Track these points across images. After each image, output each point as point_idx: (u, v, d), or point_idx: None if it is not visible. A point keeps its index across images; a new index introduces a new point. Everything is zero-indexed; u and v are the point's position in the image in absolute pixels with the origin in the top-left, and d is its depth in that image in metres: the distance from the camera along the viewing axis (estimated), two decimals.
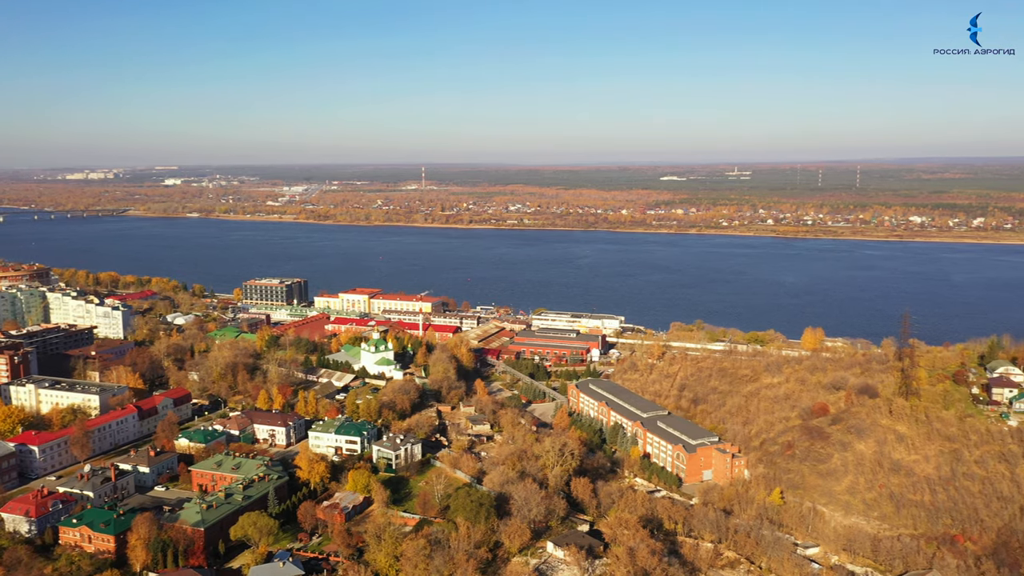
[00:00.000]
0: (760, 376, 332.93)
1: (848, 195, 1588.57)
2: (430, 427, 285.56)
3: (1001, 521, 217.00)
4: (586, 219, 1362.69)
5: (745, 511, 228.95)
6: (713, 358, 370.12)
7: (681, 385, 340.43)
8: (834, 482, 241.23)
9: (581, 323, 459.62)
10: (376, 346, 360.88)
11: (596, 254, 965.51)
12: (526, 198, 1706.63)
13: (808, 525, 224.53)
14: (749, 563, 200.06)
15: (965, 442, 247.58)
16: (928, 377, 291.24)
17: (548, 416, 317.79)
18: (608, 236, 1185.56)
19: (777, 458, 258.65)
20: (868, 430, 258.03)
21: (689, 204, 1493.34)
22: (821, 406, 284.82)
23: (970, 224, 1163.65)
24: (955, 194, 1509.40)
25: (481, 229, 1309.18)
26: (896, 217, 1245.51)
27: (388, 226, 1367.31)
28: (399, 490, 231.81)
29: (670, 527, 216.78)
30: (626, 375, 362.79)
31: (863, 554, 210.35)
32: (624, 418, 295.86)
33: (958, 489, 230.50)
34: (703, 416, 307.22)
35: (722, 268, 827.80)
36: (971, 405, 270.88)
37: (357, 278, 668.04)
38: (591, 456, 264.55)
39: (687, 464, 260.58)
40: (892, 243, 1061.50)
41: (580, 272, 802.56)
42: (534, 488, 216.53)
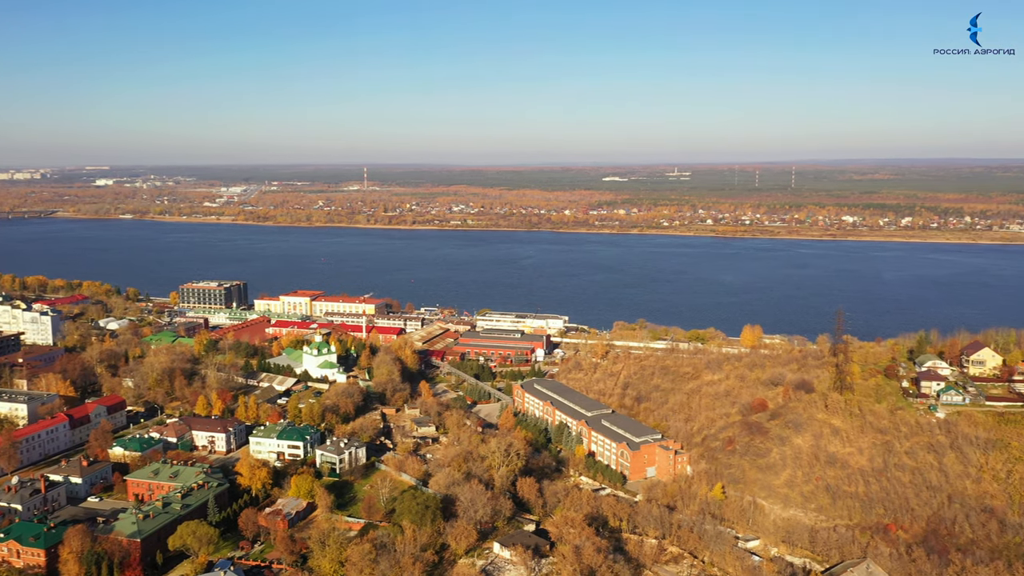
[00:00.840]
0: (701, 373, 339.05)
1: (784, 195, 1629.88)
2: (375, 430, 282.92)
3: (930, 510, 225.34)
4: (529, 219, 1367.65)
5: (688, 506, 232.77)
6: (656, 356, 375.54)
7: (625, 383, 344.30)
8: (773, 476, 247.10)
9: (526, 323, 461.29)
10: (318, 349, 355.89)
11: (540, 254, 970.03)
12: (470, 199, 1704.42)
13: (749, 518, 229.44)
14: (692, 557, 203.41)
15: (896, 434, 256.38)
16: (861, 372, 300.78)
17: (494, 417, 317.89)
18: (551, 236, 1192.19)
19: (718, 453, 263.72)
20: (805, 424, 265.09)
21: (631, 204, 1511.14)
22: (760, 402, 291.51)
23: (899, 223, 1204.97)
24: (884, 194, 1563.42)
25: (424, 230, 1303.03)
26: (829, 217, 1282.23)
27: (330, 227, 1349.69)
28: (343, 495, 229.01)
29: (615, 524, 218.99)
30: (571, 374, 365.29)
31: (801, 545, 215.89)
32: (569, 417, 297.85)
33: (890, 480, 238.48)
34: (646, 414, 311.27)
35: (663, 268, 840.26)
36: (901, 398, 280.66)
37: (298, 280, 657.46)
38: (537, 456, 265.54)
39: (631, 462, 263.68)
40: (826, 242, 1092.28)
41: (524, 272, 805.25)
42: (480, 489, 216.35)
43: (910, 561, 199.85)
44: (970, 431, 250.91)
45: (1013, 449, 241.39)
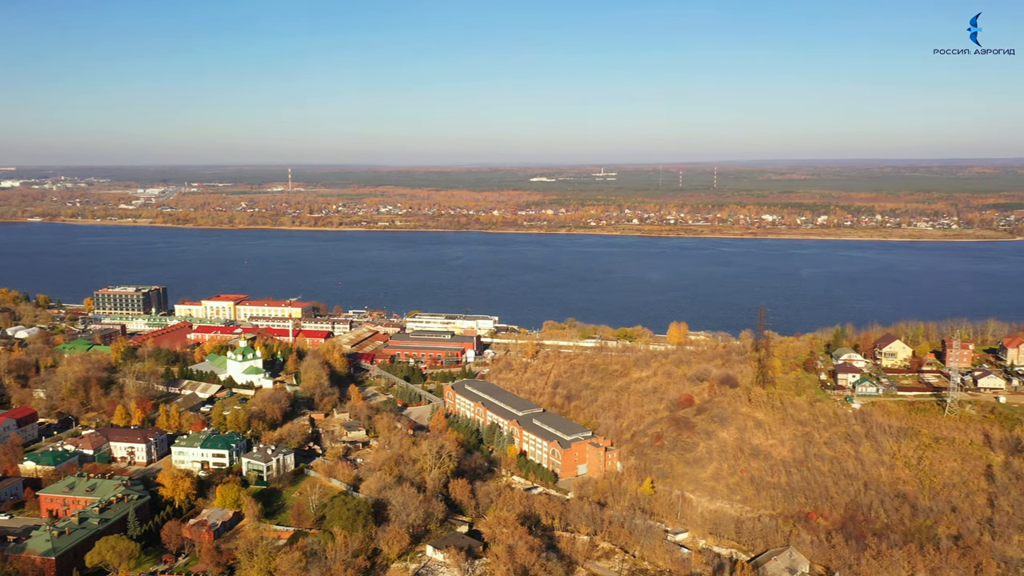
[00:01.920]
0: (630, 371, 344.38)
1: (706, 195, 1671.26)
2: (303, 436, 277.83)
3: (848, 497, 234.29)
4: (458, 220, 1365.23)
5: (618, 502, 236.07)
6: (585, 355, 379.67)
7: (555, 382, 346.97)
8: (700, 469, 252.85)
9: (456, 324, 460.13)
10: (243, 354, 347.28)
11: (469, 255, 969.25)
12: (397, 199, 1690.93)
13: (677, 512, 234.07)
14: (623, 552, 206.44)
15: (815, 425, 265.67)
16: (782, 366, 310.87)
17: (425, 419, 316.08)
18: (480, 237, 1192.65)
19: (647, 449, 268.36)
20: (730, 418, 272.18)
21: (558, 205, 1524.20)
22: (687, 397, 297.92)
23: (815, 222, 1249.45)
24: (801, 194, 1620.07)
25: (352, 231, 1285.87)
26: (750, 216, 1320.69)
27: (253, 229, 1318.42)
28: (272, 503, 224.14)
29: (547, 522, 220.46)
30: (501, 375, 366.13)
31: (728, 536, 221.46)
32: (500, 417, 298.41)
33: (810, 469, 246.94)
34: (577, 412, 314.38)
35: (591, 267, 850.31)
36: (820, 390, 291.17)
37: (221, 284, 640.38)
38: (469, 457, 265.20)
39: (562, 460, 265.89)
40: (747, 240, 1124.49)
41: (453, 273, 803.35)
42: (412, 492, 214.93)
43: (830, 547, 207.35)
44: (883, 420, 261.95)
45: (923, 436, 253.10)
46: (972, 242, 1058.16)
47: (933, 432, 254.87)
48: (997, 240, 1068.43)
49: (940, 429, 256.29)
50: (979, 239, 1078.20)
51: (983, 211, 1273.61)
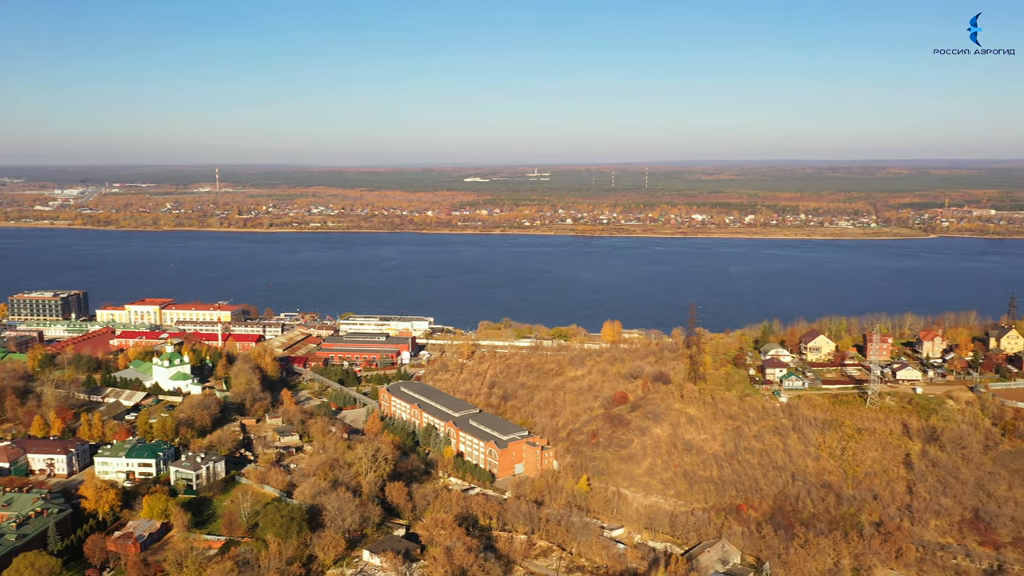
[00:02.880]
0: (565, 370, 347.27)
1: (638, 195, 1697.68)
2: (234, 442, 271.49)
3: (776, 488, 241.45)
4: (392, 221, 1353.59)
5: (555, 500, 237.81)
6: (521, 355, 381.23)
7: (491, 383, 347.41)
8: (635, 465, 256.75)
9: (390, 326, 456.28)
10: (170, 360, 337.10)
11: (403, 256, 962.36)
12: (329, 200, 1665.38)
13: (613, 508, 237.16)
14: (561, 550, 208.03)
15: (745, 419, 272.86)
16: (712, 362, 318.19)
17: (360, 422, 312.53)
18: (414, 237, 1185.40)
19: (583, 447, 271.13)
20: (663, 414, 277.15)
21: (492, 205, 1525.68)
22: (621, 395, 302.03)
23: (743, 221, 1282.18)
24: (729, 194, 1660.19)
25: (282, 233, 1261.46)
26: (680, 215, 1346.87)
27: (179, 231, 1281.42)
28: (202, 512, 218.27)
29: (485, 523, 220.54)
30: (437, 376, 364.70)
31: (662, 530, 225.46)
32: (437, 419, 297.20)
33: (741, 463, 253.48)
34: (513, 411, 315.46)
35: (526, 267, 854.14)
36: (749, 385, 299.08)
37: (146, 288, 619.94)
38: (405, 459, 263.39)
39: (499, 459, 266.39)
40: (678, 239, 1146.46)
41: (387, 274, 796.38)
42: (348, 497, 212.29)
43: (760, 538, 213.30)
44: (809, 413, 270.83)
45: (846, 428, 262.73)
46: (890, 240, 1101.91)
47: (855, 423, 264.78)
48: (913, 238, 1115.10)
49: (862, 420, 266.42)
50: (896, 237, 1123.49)
51: (899, 210, 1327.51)
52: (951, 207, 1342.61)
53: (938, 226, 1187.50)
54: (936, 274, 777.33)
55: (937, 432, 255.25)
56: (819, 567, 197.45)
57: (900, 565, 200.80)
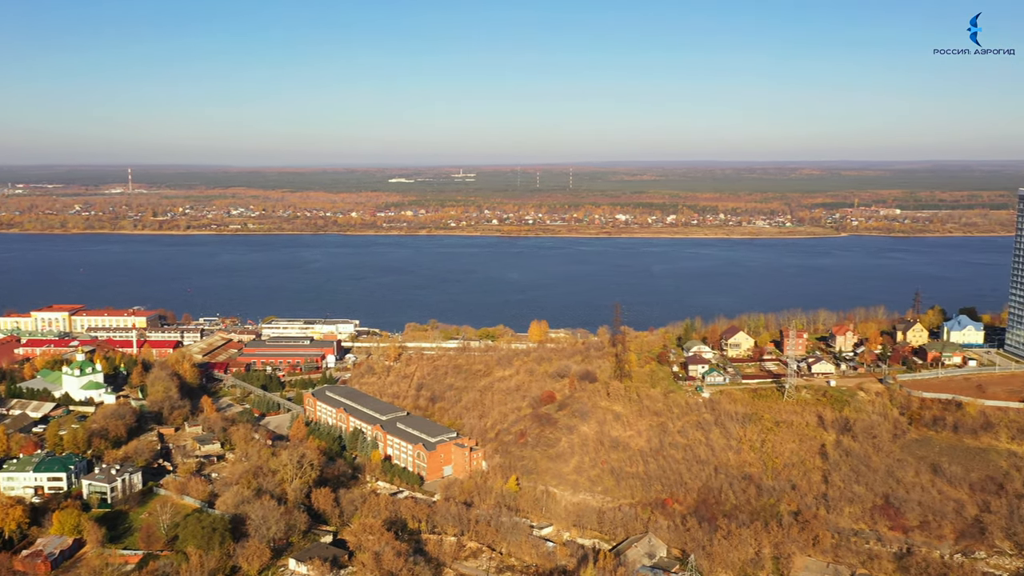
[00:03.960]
0: (493, 370, 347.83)
1: (563, 195, 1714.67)
2: (151, 453, 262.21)
3: (700, 482, 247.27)
4: (315, 222, 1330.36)
5: (485, 501, 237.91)
6: (448, 356, 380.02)
7: (419, 385, 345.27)
8: (563, 464, 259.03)
9: (315, 329, 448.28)
10: (81, 369, 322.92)
11: (327, 258, 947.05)
12: (249, 201, 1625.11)
13: (542, 507, 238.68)
14: (491, 550, 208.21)
15: (669, 415, 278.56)
16: (637, 360, 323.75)
17: (284, 428, 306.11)
18: (338, 239, 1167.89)
19: (512, 447, 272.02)
20: (590, 412, 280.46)
21: (418, 206, 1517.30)
22: (548, 394, 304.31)
23: (665, 221, 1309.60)
24: (651, 194, 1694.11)
25: (201, 235, 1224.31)
26: (604, 215, 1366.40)
27: (90, 234, 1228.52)
28: (118, 526, 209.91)
29: (414, 526, 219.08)
30: (363, 379, 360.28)
31: (591, 527, 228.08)
32: (363, 423, 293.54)
33: (666, 458, 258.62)
34: (441, 413, 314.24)
35: (453, 268, 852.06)
36: (673, 382, 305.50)
37: (54, 294, 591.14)
38: (332, 464, 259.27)
39: (428, 462, 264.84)
40: (602, 239, 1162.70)
41: (311, 276, 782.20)
42: (272, 505, 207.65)
43: (685, 531, 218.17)
44: (730, 408, 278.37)
45: (765, 421, 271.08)
46: (803, 238, 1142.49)
47: (774, 416, 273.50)
48: (825, 236, 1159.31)
49: (780, 413, 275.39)
50: (810, 235, 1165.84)
51: (812, 210, 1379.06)
52: (860, 207, 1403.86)
53: (848, 225, 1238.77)
54: (847, 271, 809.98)
55: (850, 423, 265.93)
56: (741, 557, 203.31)
57: (817, 552, 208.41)
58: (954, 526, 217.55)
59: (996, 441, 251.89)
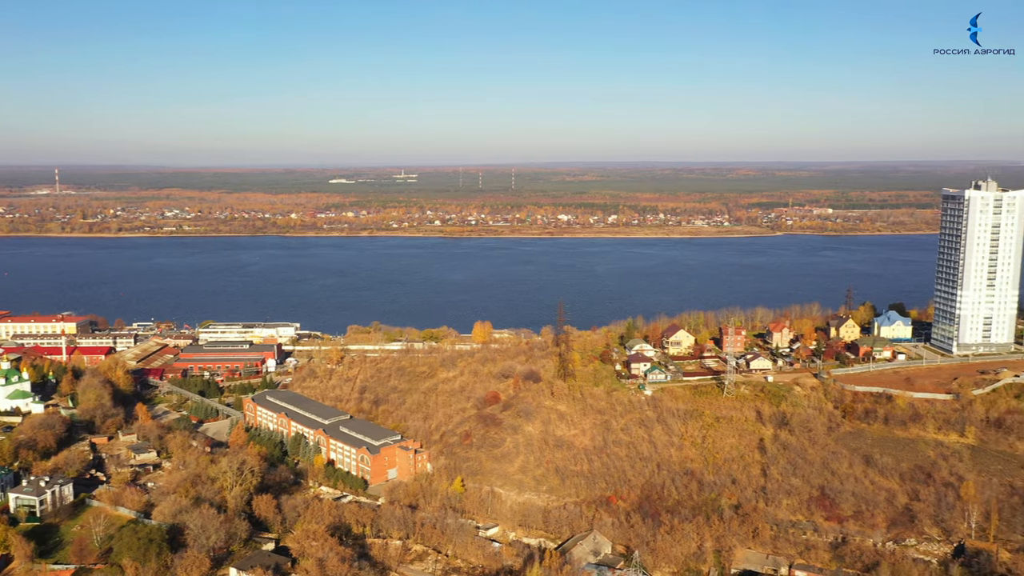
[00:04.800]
0: (437, 372, 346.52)
1: (505, 196, 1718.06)
2: (83, 463, 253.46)
3: (643, 478, 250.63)
4: (253, 224, 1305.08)
5: (430, 503, 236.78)
6: (392, 358, 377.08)
7: (362, 387, 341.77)
8: (508, 464, 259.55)
9: (254, 333, 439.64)
10: (6, 377, 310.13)
11: (266, 260, 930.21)
12: (184, 203, 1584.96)
13: (488, 507, 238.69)
14: (436, 553, 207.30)
15: (613, 413, 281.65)
16: (581, 359, 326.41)
17: (223, 434, 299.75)
18: (278, 241, 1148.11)
19: (457, 448, 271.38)
20: (534, 412, 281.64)
21: (359, 207, 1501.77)
22: (493, 395, 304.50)
23: (606, 221, 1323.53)
24: (593, 194, 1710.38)
25: (134, 238, 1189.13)
26: (547, 216, 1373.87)
27: (14, 237, 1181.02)
28: (48, 540, 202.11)
29: (359, 531, 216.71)
30: (305, 383, 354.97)
31: (536, 526, 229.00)
32: (305, 427, 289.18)
33: (610, 456, 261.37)
34: (385, 416, 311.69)
35: (395, 269, 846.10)
36: (616, 380, 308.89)
37: None
38: (273, 471, 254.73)
39: (372, 465, 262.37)
40: (545, 239, 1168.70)
41: (250, 279, 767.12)
42: (212, 513, 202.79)
43: (629, 527, 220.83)
44: (672, 405, 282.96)
45: (706, 417, 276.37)
46: (741, 237, 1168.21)
47: (714, 412, 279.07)
48: (761, 235, 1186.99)
49: (720, 409, 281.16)
50: (747, 235, 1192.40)
51: (749, 209, 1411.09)
52: (794, 206, 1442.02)
53: (783, 224, 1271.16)
54: (783, 269, 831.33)
55: (787, 417, 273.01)
56: (684, 551, 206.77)
57: (757, 544, 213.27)
58: (886, 515, 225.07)
59: (924, 432, 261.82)
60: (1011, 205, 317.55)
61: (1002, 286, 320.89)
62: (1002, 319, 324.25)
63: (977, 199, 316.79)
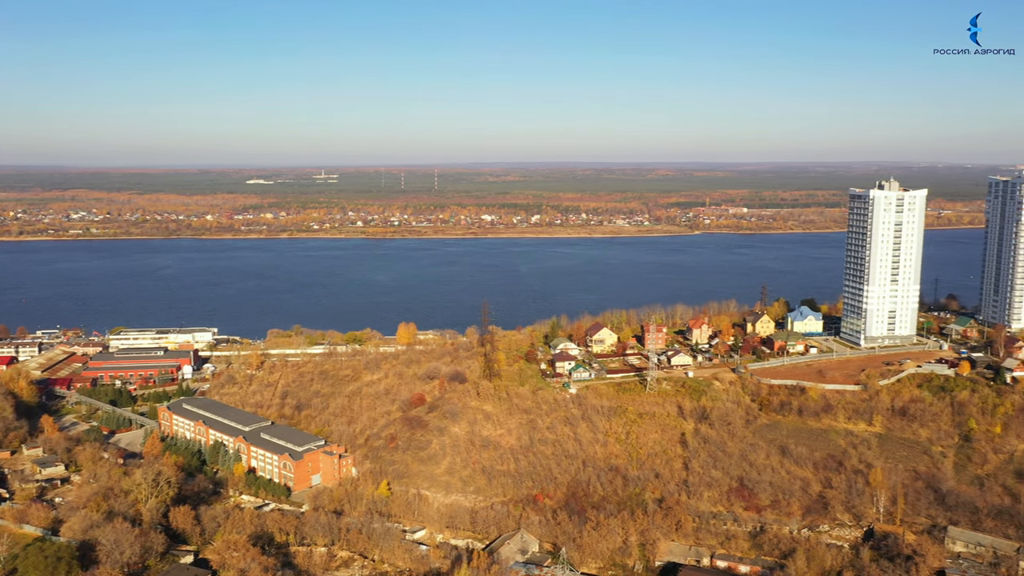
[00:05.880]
0: (361, 375, 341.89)
1: (428, 197, 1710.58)
2: None
3: (569, 476, 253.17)
4: (166, 226, 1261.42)
5: (355, 508, 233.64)
6: (314, 362, 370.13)
7: (283, 393, 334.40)
8: (434, 466, 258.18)
9: (169, 339, 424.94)
10: None
11: (181, 263, 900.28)
12: (92, 204, 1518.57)
13: (414, 510, 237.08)
14: (363, 558, 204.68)
15: (538, 412, 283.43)
16: (506, 358, 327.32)
17: (137, 445, 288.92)
18: (193, 244, 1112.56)
19: (382, 451, 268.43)
20: (460, 413, 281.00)
21: (278, 208, 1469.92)
22: (418, 396, 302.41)
23: (530, 221, 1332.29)
24: (516, 195, 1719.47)
25: (37, 241, 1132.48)
26: (470, 216, 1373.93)
27: None
28: None
29: (282, 539, 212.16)
30: (224, 389, 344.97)
31: (464, 528, 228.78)
32: (225, 435, 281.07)
33: (536, 454, 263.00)
34: (308, 421, 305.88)
35: (316, 271, 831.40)
36: (541, 379, 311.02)
37: None
38: (191, 481, 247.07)
39: (295, 472, 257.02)
40: (469, 240, 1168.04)
41: (164, 284, 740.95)
42: (125, 527, 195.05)
43: (556, 524, 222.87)
44: (596, 402, 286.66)
45: (629, 413, 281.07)
46: (661, 236, 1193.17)
47: (637, 408, 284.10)
48: (680, 234, 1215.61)
49: (643, 405, 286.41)
50: (666, 234, 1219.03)
51: (668, 209, 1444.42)
52: (711, 206, 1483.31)
53: (701, 223, 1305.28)
54: (701, 267, 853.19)
55: (707, 411, 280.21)
56: (610, 546, 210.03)
57: (680, 536, 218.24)
58: (801, 503, 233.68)
59: (835, 422, 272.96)
60: (912, 204, 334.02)
61: (905, 281, 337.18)
62: (905, 312, 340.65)
63: (881, 198, 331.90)
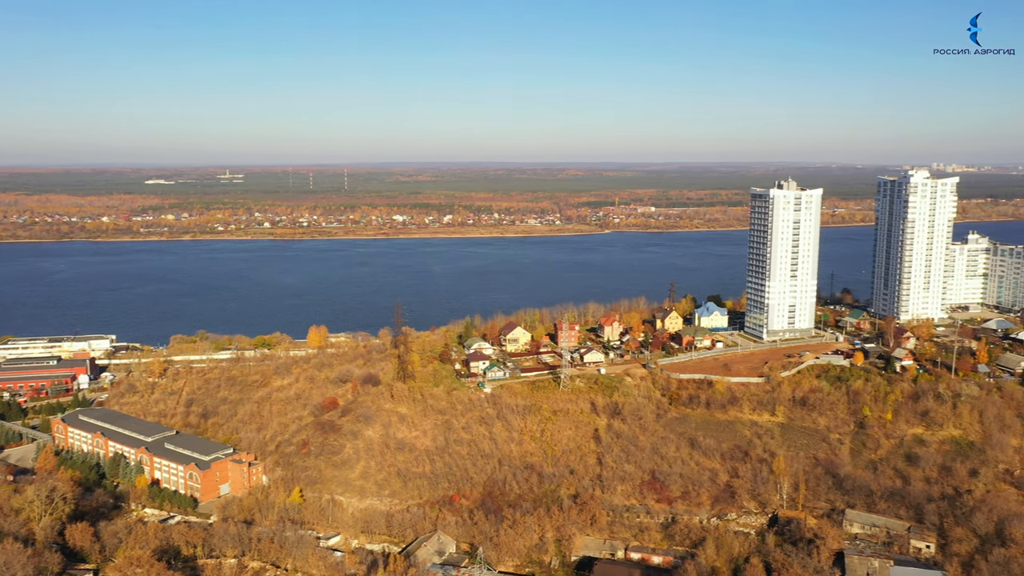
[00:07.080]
0: (270, 380, 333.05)
1: (338, 197, 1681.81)
2: None
3: (485, 475, 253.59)
4: (58, 228, 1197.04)
5: (267, 517, 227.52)
6: (221, 368, 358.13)
7: (188, 400, 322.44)
8: (348, 470, 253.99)
9: (62, 348, 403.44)
10: None
11: (74, 267, 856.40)
12: None
13: (329, 517, 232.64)
14: (275, 568, 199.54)
15: (453, 413, 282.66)
16: (420, 360, 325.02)
17: (28, 460, 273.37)
18: (88, 247, 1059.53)
19: (294, 458, 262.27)
20: (374, 416, 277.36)
21: (180, 209, 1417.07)
22: (331, 400, 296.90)
23: (442, 221, 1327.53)
24: (428, 195, 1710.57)
25: None
26: (382, 216, 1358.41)
27: None
28: None
29: (189, 552, 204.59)
30: (124, 399, 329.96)
31: (379, 532, 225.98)
32: (125, 446, 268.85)
33: (451, 455, 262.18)
34: (215, 429, 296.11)
35: (222, 274, 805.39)
36: (456, 379, 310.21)
37: None
38: (89, 496, 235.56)
39: (202, 482, 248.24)
40: (380, 240, 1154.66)
41: (56, 289, 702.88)
42: (17, 548, 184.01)
43: (473, 524, 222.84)
44: (511, 401, 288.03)
45: (543, 411, 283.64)
46: (572, 235, 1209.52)
47: (552, 406, 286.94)
48: (591, 233, 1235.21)
49: (557, 402, 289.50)
50: (577, 233, 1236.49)
51: (579, 208, 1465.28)
52: (620, 205, 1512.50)
53: (611, 222, 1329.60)
54: (612, 265, 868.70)
55: (619, 407, 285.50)
56: (527, 543, 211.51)
57: (595, 530, 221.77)
58: (710, 493, 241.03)
59: (740, 413, 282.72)
60: (809, 202, 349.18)
61: (803, 276, 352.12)
62: (804, 307, 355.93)
63: (780, 197, 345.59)
